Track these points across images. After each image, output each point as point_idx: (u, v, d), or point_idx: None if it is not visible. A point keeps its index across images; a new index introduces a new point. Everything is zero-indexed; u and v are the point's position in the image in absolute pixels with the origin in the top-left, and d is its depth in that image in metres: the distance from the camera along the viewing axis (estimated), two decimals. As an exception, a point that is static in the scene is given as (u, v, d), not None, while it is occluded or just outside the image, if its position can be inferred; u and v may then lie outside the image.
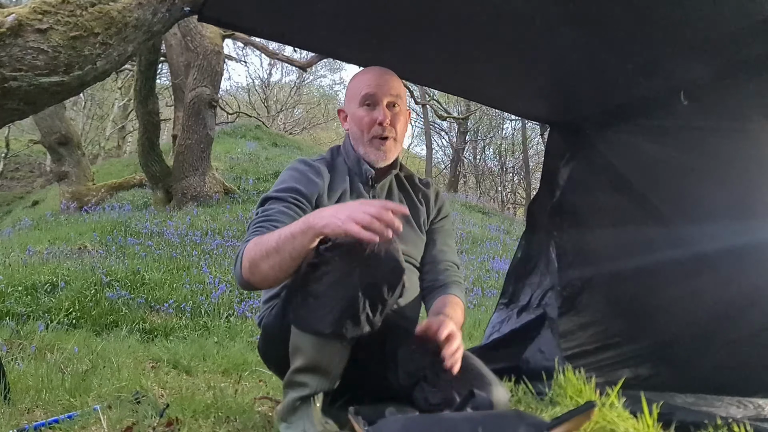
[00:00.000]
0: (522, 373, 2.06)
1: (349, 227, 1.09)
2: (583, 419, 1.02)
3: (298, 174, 1.48)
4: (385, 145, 1.51)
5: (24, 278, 4.06)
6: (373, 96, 1.49)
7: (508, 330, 2.39)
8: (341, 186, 1.51)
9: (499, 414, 1.22)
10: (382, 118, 1.48)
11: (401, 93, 1.54)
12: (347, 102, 1.58)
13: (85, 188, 8.96)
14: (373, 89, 1.49)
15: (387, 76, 1.53)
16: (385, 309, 1.26)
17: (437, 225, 1.66)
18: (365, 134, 1.51)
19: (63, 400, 1.65)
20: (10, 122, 1.70)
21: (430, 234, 1.64)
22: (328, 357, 1.27)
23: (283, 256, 1.20)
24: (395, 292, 1.25)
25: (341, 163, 1.57)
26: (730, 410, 1.80)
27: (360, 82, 1.53)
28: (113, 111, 18.85)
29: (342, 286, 1.19)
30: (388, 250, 1.20)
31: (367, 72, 1.56)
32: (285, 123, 24.76)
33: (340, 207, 1.16)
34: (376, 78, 1.52)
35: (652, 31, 1.77)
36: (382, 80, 1.51)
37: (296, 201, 1.41)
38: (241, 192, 8.91)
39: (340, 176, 1.53)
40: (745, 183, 2.13)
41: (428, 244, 1.62)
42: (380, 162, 1.52)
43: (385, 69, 1.56)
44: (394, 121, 1.50)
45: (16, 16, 1.51)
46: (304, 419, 1.29)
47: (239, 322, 3.91)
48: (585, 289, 2.29)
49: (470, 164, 22.71)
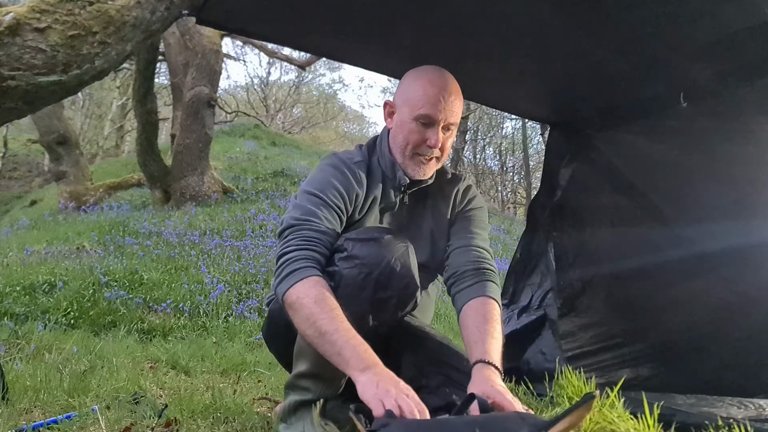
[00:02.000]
0: (522, 373, 2.06)
1: (377, 411, 1.02)
2: (584, 411, 1.02)
3: (342, 177, 1.37)
4: (428, 164, 1.42)
5: (22, 278, 4.04)
6: (431, 118, 1.36)
7: (509, 331, 2.39)
8: (374, 191, 1.42)
9: (501, 416, 1.21)
10: (434, 142, 1.36)
11: (459, 116, 1.41)
12: (401, 103, 1.42)
13: (84, 188, 8.94)
14: (435, 112, 1.35)
15: (451, 98, 1.37)
16: (393, 322, 1.25)
17: (466, 213, 1.54)
18: (409, 147, 1.39)
19: (61, 400, 1.64)
20: (8, 121, 1.69)
21: (458, 222, 1.52)
22: (332, 367, 1.26)
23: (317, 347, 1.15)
24: (407, 307, 1.24)
25: (375, 164, 1.47)
26: (730, 411, 1.79)
27: (422, 95, 1.37)
28: (111, 110, 18.82)
29: (354, 300, 1.18)
30: (404, 264, 1.19)
31: (433, 84, 1.38)
32: (284, 122, 24.74)
33: (384, 383, 1.05)
34: (440, 98, 1.36)
35: (652, 32, 1.76)
36: (447, 103, 1.36)
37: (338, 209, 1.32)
38: (240, 192, 8.90)
39: (374, 180, 1.44)
40: (745, 183, 2.13)
41: (456, 233, 1.50)
42: (417, 177, 1.42)
43: (452, 83, 1.40)
44: (445, 142, 1.40)
45: (14, 15, 1.50)
46: (303, 420, 1.28)
47: (238, 322, 3.89)
48: (585, 290, 2.29)
49: (470, 164, 22.71)
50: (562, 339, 2.16)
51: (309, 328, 1.15)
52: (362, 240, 1.22)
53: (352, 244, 1.21)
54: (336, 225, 1.31)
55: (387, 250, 1.19)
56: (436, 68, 1.44)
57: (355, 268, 1.17)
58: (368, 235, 1.24)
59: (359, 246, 1.20)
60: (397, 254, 1.20)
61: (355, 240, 1.23)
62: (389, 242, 1.21)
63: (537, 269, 2.45)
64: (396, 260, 1.18)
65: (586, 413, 1.04)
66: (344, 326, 1.13)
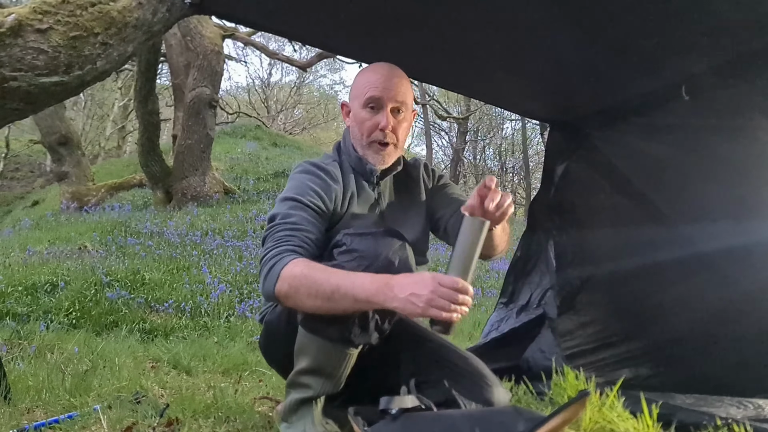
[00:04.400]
0: (522, 372, 2.06)
1: (431, 313, 1.06)
2: (579, 408, 1.03)
3: (318, 180, 1.40)
4: (384, 150, 1.45)
5: (24, 278, 4.06)
6: (378, 99, 1.41)
7: (508, 329, 2.39)
8: (350, 187, 1.46)
9: (497, 410, 1.22)
10: (384, 124, 1.41)
11: (408, 98, 1.46)
12: (352, 98, 1.50)
13: (85, 188, 8.97)
14: (379, 92, 1.41)
15: (395, 80, 1.44)
16: (394, 317, 1.26)
17: (440, 185, 1.59)
18: (365, 137, 1.45)
19: (63, 400, 1.65)
20: (10, 122, 1.69)
21: (437, 196, 1.57)
22: (334, 361, 1.27)
23: (334, 306, 1.14)
24: None
25: (345, 163, 1.52)
26: (730, 411, 1.79)
27: (366, 82, 1.44)
28: (113, 111, 18.85)
29: None
30: (402, 258, 1.21)
31: (375, 71, 1.46)
32: (285, 123, 24.77)
33: (414, 284, 1.08)
34: (383, 80, 1.43)
35: (651, 30, 1.77)
36: (390, 84, 1.42)
37: (318, 209, 1.34)
38: (241, 192, 8.91)
39: (348, 177, 1.48)
40: (745, 182, 2.13)
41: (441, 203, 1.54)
42: (378, 166, 1.47)
43: (395, 69, 1.47)
44: (397, 127, 1.44)
45: (16, 16, 1.51)
46: (304, 419, 1.29)
47: (239, 322, 3.90)
48: (584, 289, 2.29)
49: (470, 164, 22.70)
50: (561, 338, 2.16)
51: (315, 298, 1.14)
52: (360, 234, 1.24)
53: (350, 239, 1.23)
54: (316, 222, 1.32)
55: (384, 244, 1.21)
56: (382, 62, 1.51)
57: (354, 261, 1.19)
58: (366, 230, 1.26)
59: (357, 240, 1.22)
60: (395, 248, 1.21)
61: (354, 234, 1.24)
62: (386, 237, 1.23)
63: (536, 268, 2.45)
64: (394, 253, 1.20)
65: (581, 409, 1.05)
66: (345, 275, 1.15)
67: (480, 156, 22.92)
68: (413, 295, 1.06)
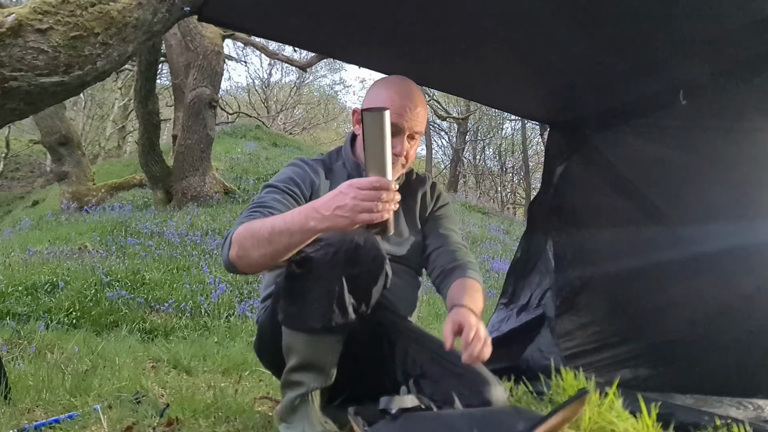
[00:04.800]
0: (521, 372, 2.06)
1: (361, 219, 1.07)
2: (578, 406, 1.04)
3: (299, 169, 1.47)
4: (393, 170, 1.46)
5: (24, 278, 4.06)
6: (398, 127, 1.37)
7: (508, 329, 2.39)
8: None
9: (497, 410, 1.23)
10: (400, 151, 1.39)
11: (425, 123, 1.43)
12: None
13: (86, 188, 8.96)
14: (401, 121, 1.38)
15: (418, 108, 1.40)
16: (370, 299, 1.26)
17: (437, 212, 1.62)
18: None
19: (63, 399, 1.65)
20: (10, 122, 1.70)
21: (430, 222, 1.59)
22: (321, 353, 1.28)
23: (276, 248, 1.17)
24: (378, 281, 1.26)
25: (340, 167, 1.53)
26: (729, 411, 1.80)
27: (389, 105, 1.36)
28: (113, 111, 18.84)
29: (326, 280, 1.20)
30: (368, 240, 1.21)
31: (399, 93, 1.41)
32: (285, 123, 24.75)
33: (333, 200, 1.09)
34: (404, 105, 1.38)
35: (651, 31, 1.77)
36: (413, 113, 1.39)
37: (292, 192, 1.39)
38: (242, 192, 8.91)
39: (338, 180, 1.46)
40: (745, 183, 2.13)
41: (431, 232, 1.57)
42: None
43: (417, 92, 1.43)
44: (410, 149, 1.44)
45: (16, 16, 1.51)
46: (303, 419, 1.29)
47: (239, 321, 3.91)
48: (584, 289, 2.29)
49: (470, 164, 22.70)
50: (560, 338, 2.16)
51: (258, 246, 1.18)
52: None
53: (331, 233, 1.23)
54: (286, 202, 1.35)
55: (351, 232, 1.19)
56: (402, 78, 1.49)
57: (322, 249, 1.19)
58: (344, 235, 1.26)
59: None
60: (360, 232, 1.21)
61: None
62: None
63: (536, 268, 2.45)
64: (359, 236, 1.20)
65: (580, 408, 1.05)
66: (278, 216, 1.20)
67: (480, 156, 22.94)
68: (338, 209, 1.08)
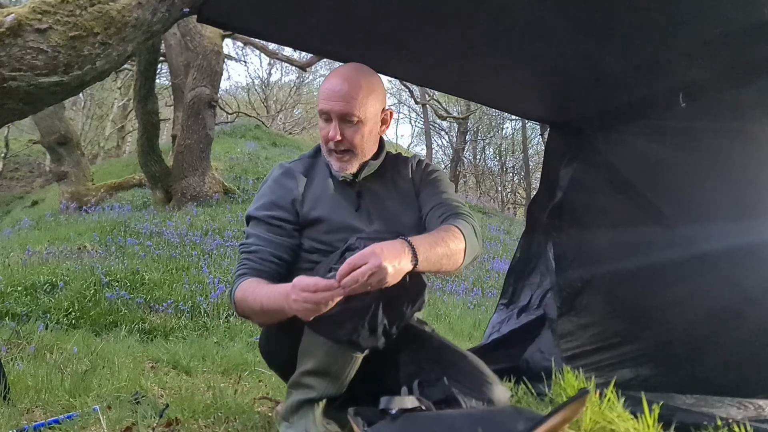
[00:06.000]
0: (522, 373, 2.06)
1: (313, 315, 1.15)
2: (579, 406, 1.04)
3: (276, 185, 1.50)
4: (344, 157, 1.46)
5: (23, 278, 4.05)
6: (326, 112, 1.43)
7: (508, 330, 2.39)
8: (320, 186, 1.49)
9: (497, 410, 1.23)
10: (332, 135, 1.42)
11: (362, 106, 1.41)
12: None
13: (85, 188, 8.95)
14: (327, 105, 1.42)
15: (346, 90, 1.40)
16: (402, 322, 1.26)
17: (427, 180, 1.58)
18: (324, 146, 1.49)
19: (63, 400, 1.65)
20: (9, 122, 1.69)
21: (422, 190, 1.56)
22: (339, 364, 1.27)
23: (270, 317, 1.30)
24: (415, 306, 1.26)
25: (321, 163, 1.54)
26: (730, 411, 1.80)
27: (322, 91, 1.44)
28: (113, 111, 18.83)
29: (364, 296, 1.18)
30: None
31: (329, 78, 1.46)
32: (285, 123, 24.75)
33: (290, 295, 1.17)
34: (331, 92, 1.41)
35: (651, 32, 1.77)
36: (337, 95, 1.40)
37: (273, 221, 1.44)
38: (241, 192, 8.90)
39: (321, 175, 1.51)
40: (745, 183, 2.13)
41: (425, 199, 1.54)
42: (342, 172, 1.48)
43: (351, 74, 1.44)
44: (351, 135, 1.43)
45: (15, 15, 1.51)
46: (305, 419, 1.29)
47: (239, 322, 3.89)
48: (585, 290, 2.29)
49: (470, 164, 22.71)
50: (561, 338, 2.16)
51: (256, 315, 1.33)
52: (372, 239, 1.23)
53: (363, 243, 1.23)
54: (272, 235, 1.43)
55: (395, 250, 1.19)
56: (345, 65, 1.51)
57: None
58: (377, 235, 1.26)
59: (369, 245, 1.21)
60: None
61: (366, 239, 1.24)
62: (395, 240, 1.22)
63: (536, 269, 2.45)
64: None
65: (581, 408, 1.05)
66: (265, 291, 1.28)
67: (480, 156, 22.96)
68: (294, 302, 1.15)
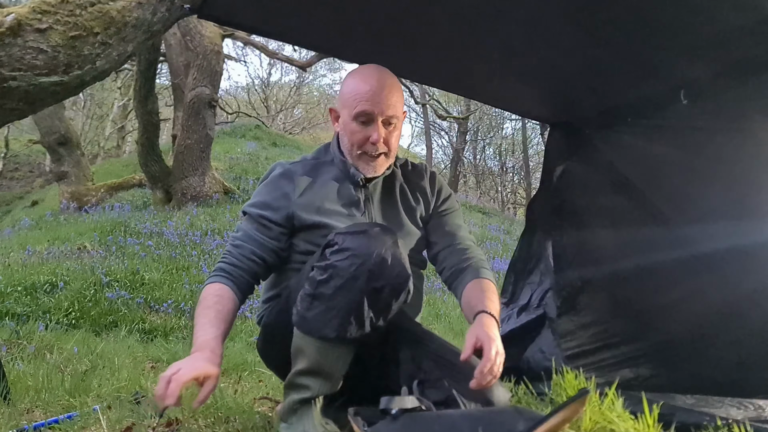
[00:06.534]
0: (522, 373, 2.06)
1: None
2: (579, 406, 1.04)
3: (271, 185, 1.49)
4: (376, 161, 1.44)
5: (23, 278, 4.05)
6: (369, 114, 1.39)
7: (508, 330, 2.39)
8: (325, 188, 1.46)
9: (498, 410, 1.23)
10: (376, 138, 1.39)
11: (399, 107, 1.42)
12: (341, 106, 1.47)
13: (85, 188, 8.95)
14: (370, 107, 1.38)
15: (386, 92, 1.39)
16: (389, 314, 1.26)
17: (441, 208, 1.59)
18: (355, 148, 1.44)
19: (62, 400, 1.65)
20: (9, 122, 1.69)
21: (435, 219, 1.57)
22: (331, 361, 1.27)
23: None
24: (400, 297, 1.25)
25: (328, 164, 1.52)
26: (730, 411, 1.79)
27: (356, 93, 1.40)
28: (113, 111, 18.83)
29: (348, 291, 1.19)
30: (394, 255, 1.21)
31: (365, 81, 1.41)
32: (285, 123, 24.76)
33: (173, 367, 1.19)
34: (373, 93, 1.38)
35: (651, 31, 1.77)
36: (381, 97, 1.38)
37: (262, 221, 1.43)
38: (241, 192, 8.90)
39: (325, 177, 1.48)
40: (745, 183, 2.12)
41: (437, 229, 1.55)
42: (369, 174, 1.46)
43: (385, 77, 1.43)
44: (388, 137, 1.42)
45: (15, 15, 1.51)
46: (304, 420, 1.29)
47: (238, 322, 3.90)
48: (585, 289, 2.28)
49: (470, 164, 22.72)
50: (561, 338, 2.16)
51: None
52: (352, 233, 1.23)
53: (342, 238, 1.22)
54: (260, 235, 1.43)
55: (377, 242, 1.20)
56: (371, 66, 1.48)
57: (347, 260, 1.18)
58: (358, 228, 1.25)
59: (350, 239, 1.21)
60: (387, 245, 1.21)
61: (345, 234, 1.23)
62: (378, 234, 1.22)
63: (536, 268, 2.45)
64: (387, 250, 1.19)
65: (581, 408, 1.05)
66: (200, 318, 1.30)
67: (480, 156, 22.96)
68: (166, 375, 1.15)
